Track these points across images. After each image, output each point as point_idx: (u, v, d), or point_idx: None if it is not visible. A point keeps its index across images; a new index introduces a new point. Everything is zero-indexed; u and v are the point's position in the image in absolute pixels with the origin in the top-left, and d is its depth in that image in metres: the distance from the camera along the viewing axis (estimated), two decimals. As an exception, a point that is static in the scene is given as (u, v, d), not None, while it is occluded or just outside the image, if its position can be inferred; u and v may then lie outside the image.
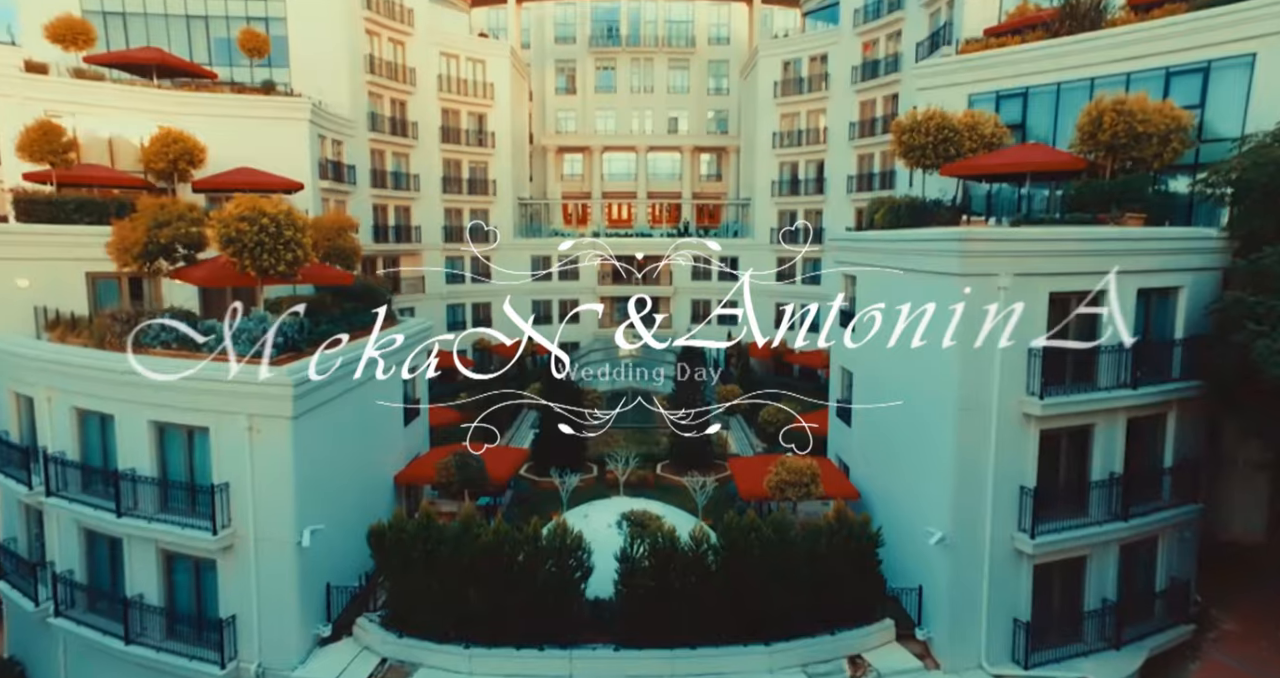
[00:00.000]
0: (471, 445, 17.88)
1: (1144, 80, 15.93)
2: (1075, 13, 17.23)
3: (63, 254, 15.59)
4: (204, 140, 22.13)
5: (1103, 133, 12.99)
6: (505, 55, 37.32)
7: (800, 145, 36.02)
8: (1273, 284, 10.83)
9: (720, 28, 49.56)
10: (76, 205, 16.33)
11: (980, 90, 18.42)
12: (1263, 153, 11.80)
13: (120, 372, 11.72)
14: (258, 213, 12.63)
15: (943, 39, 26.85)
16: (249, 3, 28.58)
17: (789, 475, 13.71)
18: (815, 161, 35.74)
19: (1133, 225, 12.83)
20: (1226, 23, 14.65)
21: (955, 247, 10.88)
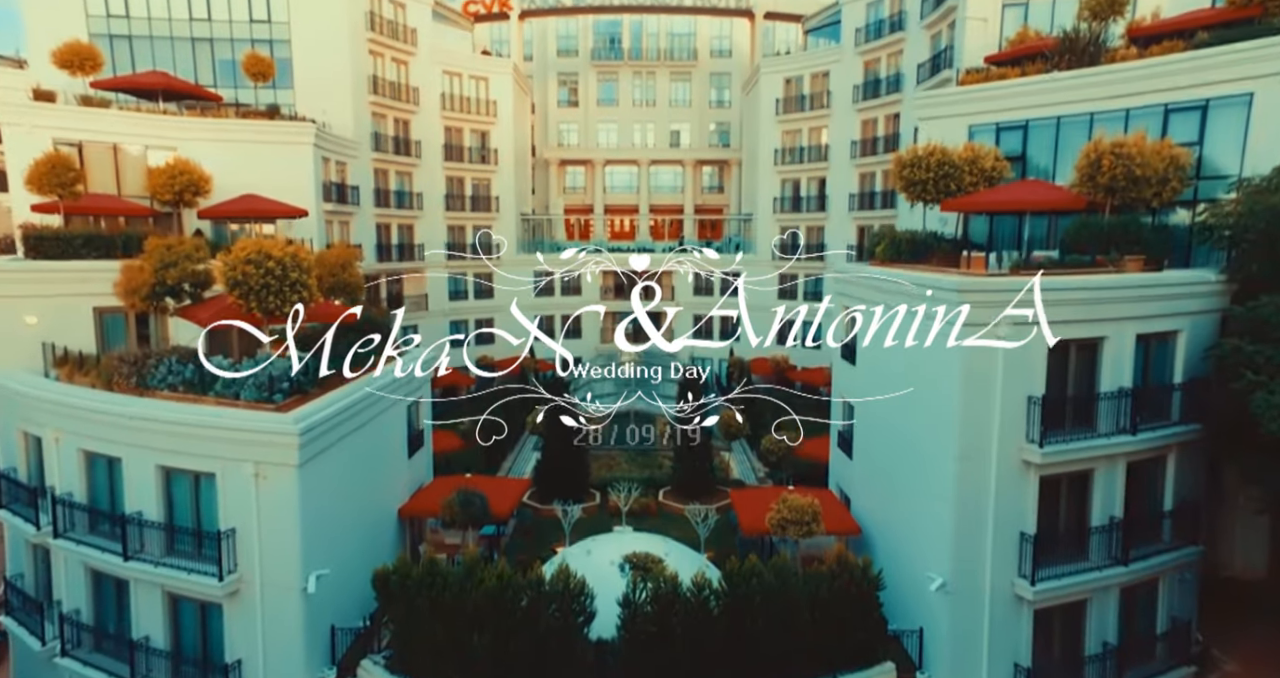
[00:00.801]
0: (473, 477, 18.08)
1: (1143, 116, 16.00)
2: (1074, 47, 17.31)
3: (70, 290, 15.74)
4: (209, 165, 22.35)
5: (1101, 176, 13.07)
6: (508, 72, 37.53)
7: (802, 162, 36.15)
8: (1270, 333, 10.90)
9: (722, 40, 49.76)
10: (84, 240, 16.49)
11: (980, 122, 18.50)
12: (1258, 199, 11.88)
13: (128, 417, 11.88)
14: (263, 256, 12.75)
15: (944, 62, 26.99)
16: (253, 25, 28.83)
17: (790, 514, 13.78)
18: (817, 179, 35.87)
19: (1132, 268, 12.90)
20: (1223, 62, 14.73)
21: (954, 297, 10.96)
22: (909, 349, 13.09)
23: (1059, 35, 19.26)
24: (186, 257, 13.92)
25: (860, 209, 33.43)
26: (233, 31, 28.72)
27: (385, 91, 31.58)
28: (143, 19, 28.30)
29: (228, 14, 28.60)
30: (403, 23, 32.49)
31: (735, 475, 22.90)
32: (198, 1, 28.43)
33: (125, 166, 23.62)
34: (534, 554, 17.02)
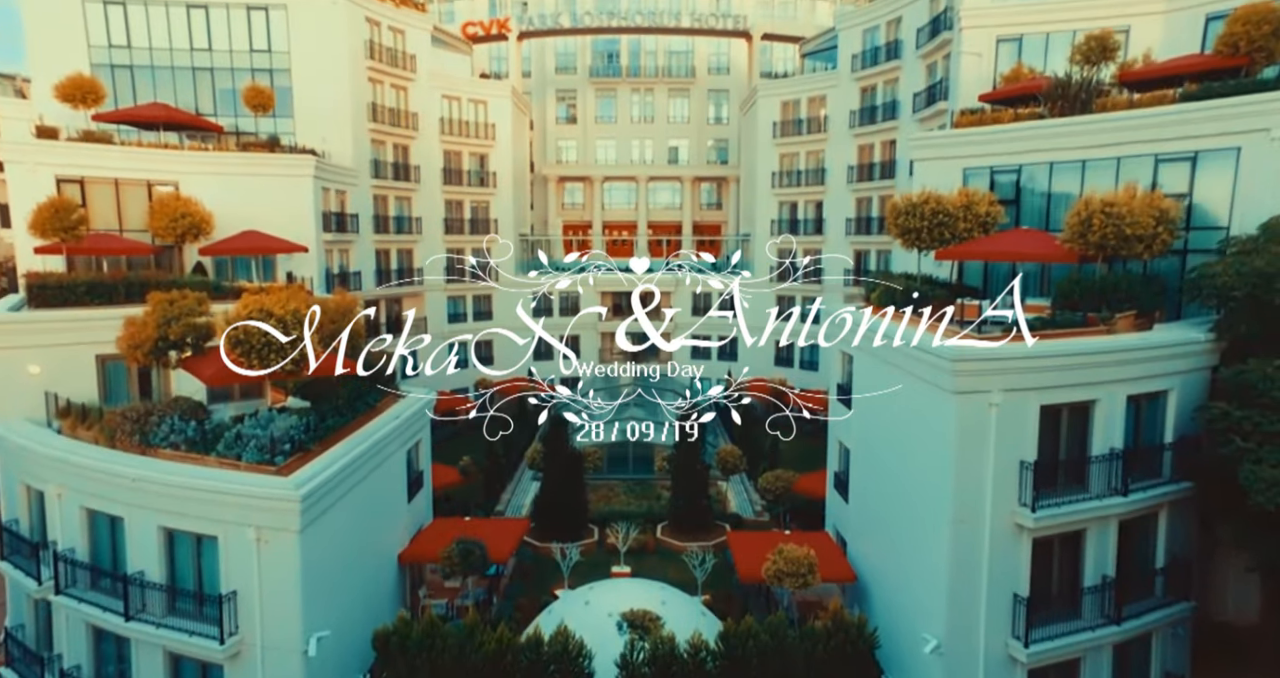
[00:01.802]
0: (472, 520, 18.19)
1: (1134, 165, 16.23)
2: (1066, 93, 17.53)
3: (73, 339, 15.86)
4: (210, 197, 22.56)
5: (1092, 234, 13.24)
6: (506, 95, 37.74)
7: (799, 185, 36.36)
8: (1257, 398, 11.06)
9: (720, 57, 50.08)
10: (87, 288, 16.62)
11: (974, 164, 18.70)
12: (1244, 262, 12.04)
13: (130, 478, 12.00)
14: (265, 314, 12.89)
15: (939, 93, 27.22)
16: (254, 55, 29.00)
17: (786, 566, 13.92)
18: (814, 202, 36.09)
19: (1123, 326, 13.07)
20: (1210, 117, 14.96)
21: (947, 366, 11.12)
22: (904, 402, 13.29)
23: (1052, 77, 19.56)
24: (189, 311, 14.05)
25: (857, 233, 33.63)
26: (233, 61, 28.89)
27: (385, 118, 31.77)
28: (144, 49, 28.45)
29: (228, 44, 28.75)
30: (402, 49, 32.70)
31: (733, 508, 23.00)
32: (199, 31, 28.58)
33: (127, 201, 23.78)
34: (533, 597, 17.17)
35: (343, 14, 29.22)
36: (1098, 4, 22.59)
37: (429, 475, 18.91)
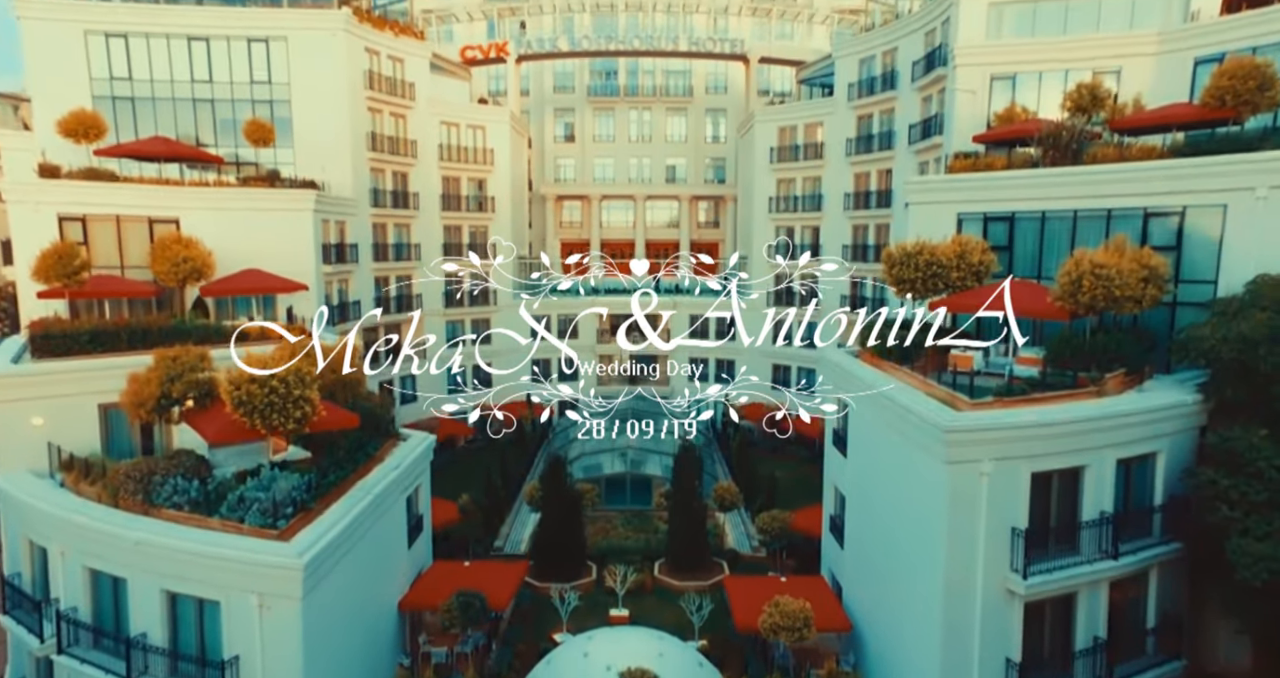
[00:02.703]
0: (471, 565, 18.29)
1: (1124, 218, 16.50)
2: (1058, 143, 17.80)
3: (76, 389, 15.99)
4: (210, 232, 22.77)
5: (1083, 295, 13.46)
6: (505, 120, 38.01)
7: (797, 211, 36.65)
8: (1245, 467, 11.27)
9: (718, 77, 50.51)
10: (90, 336, 16.78)
11: (968, 210, 18.95)
12: (1230, 326, 12.27)
13: (133, 541, 12.13)
14: (267, 375, 13.05)
15: (934, 128, 27.52)
16: (254, 86, 29.23)
17: (782, 620, 14.08)
18: (811, 227, 36.36)
19: (1114, 387, 13.30)
20: (1197, 173, 15.24)
21: (939, 436, 11.32)
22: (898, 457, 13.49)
23: (1044, 121, 19.85)
24: (191, 367, 14.20)
25: (854, 260, 33.88)
26: (233, 92, 29.11)
27: (384, 147, 32.00)
28: (145, 81, 28.67)
29: (229, 75, 28.99)
30: (401, 78, 32.95)
31: (730, 544, 23.12)
32: (199, 63, 28.81)
33: (128, 237, 23.95)
34: (532, 643, 17.29)
35: (342, 45, 29.48)
36: (1090, 45, 22.98)
37: (429, 517, 19.04)
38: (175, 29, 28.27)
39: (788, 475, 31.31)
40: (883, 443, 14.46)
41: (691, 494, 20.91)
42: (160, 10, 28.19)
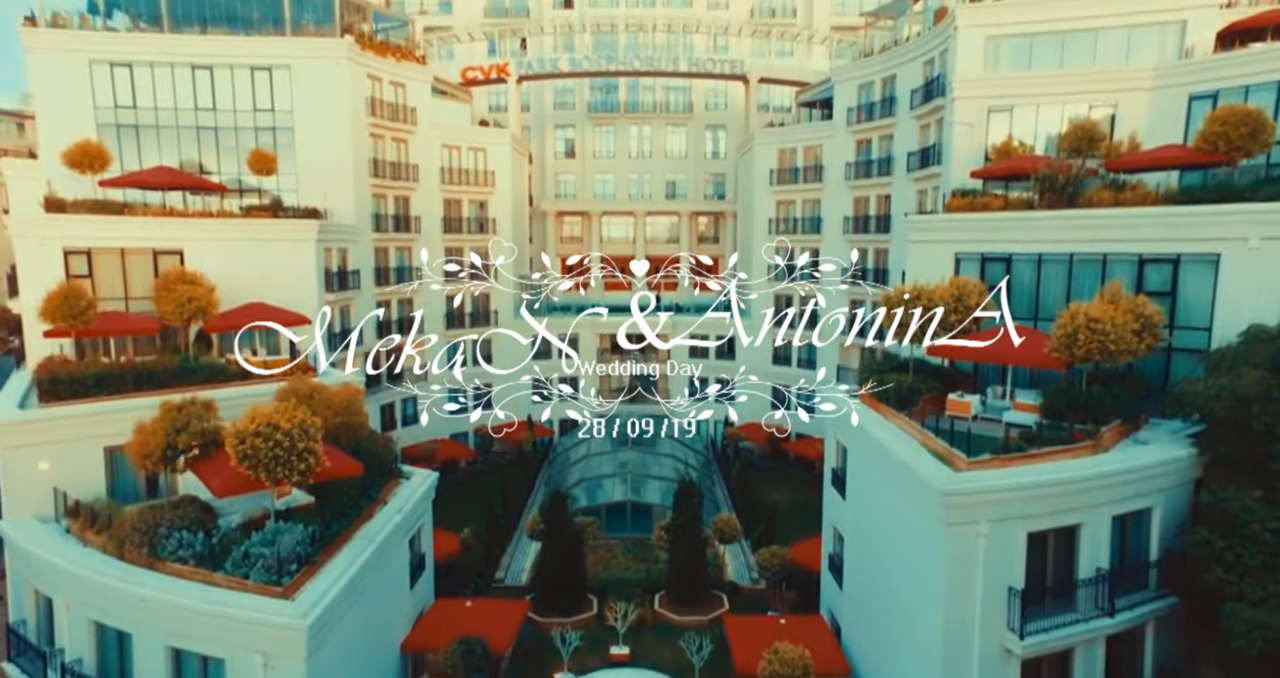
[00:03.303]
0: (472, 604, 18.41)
1: (1119, 263, 16.68)
2: (1054, 186, 17.98)
3: (82, 433, 16.14)
4: (213, 261, 23.06)
5: (1078, 348, 13.61)
6: (506, 142, 38.25)
7: (796, 233, 36.81)
8: (1239, 528, 11.39)
9: (718, 94, 50.82)
10: (95, 379, 16.93)
11: (966, 250, 19.12)
12: (1223, 384, 12.41)
13: (138, 597, 12.26)
14: (272, 428, 13.19)
15: (932, 157, 27.71)
16: (257, 114, 29.44)
17: (782, 668, 14.17)
18: (811, 249, 36.52)
19: (1109, 439, 13.45)
20: (1190, 222, 15.42)
21: (938, 499, 11.45)
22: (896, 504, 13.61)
23: (1041, 157, 20.04)
24: (198, 417, 14.34)
25: (854, 285, 34.01)
26: (237, 120, 29.31)
27: (386, 173, 32.21)
28: (149, 109, 28.87)
29: (232, 103, 29.18)
30: (403, 103, 33.16)
31: (730, 575, 23.21)
32: (203, 91, 29.02)
33: (133, 269, 24.15)
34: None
35: (345, 73, 29.71)
36: (1086, 80, 23.17)
37: (431, 555, 19.17)
38: (179, 58, 28.50)
39: (787, 499, 31.46)
40: (880, 492, 14.59)
41: (692, 531, 21.01)
42: (164, 40, 28.45)
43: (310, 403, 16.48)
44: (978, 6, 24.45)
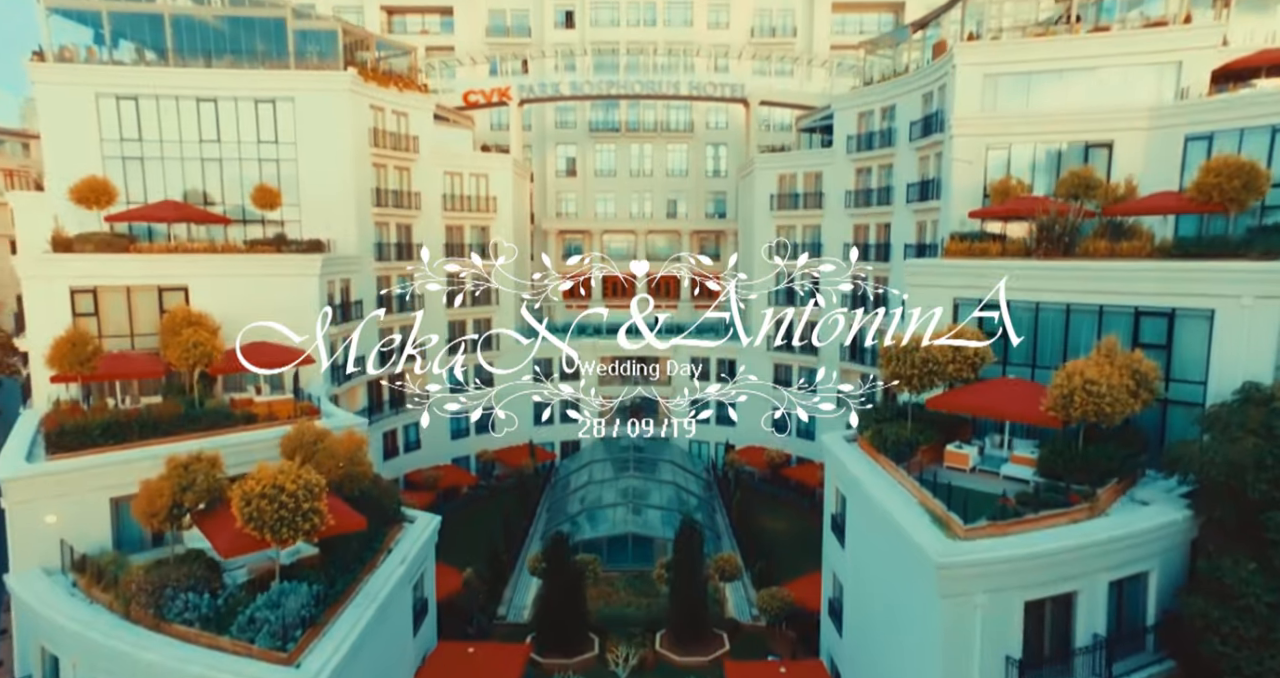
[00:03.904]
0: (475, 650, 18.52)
1: (1115, 315, 16.83)
2: (1050, 235, 18.15)
3: (89, 485, 16.31)
4: (217, 296, 23.66)
5: (1074, 409, 13.76)
6: (508, 168, 38.50)
7: (796, 259, 36.93)
8: (1235, 600, 11.50)
9: (718, 113, 51.09)
10: (102, 429, 17.10)
11: (965, 296, 19.24)
12: (1218, 450, 12.54)
13: (145, 662, 12.41)
14: (277, 490, 13.35)
15: (932, 192, 27.89)
16: (261, 146, 29.67)
17: (783, 724, 14.29)
18: (812, 276, 36.65)
19: (1106, 499, 13.60)
20: (1185, 278, 15.58)
21: (933, 572, 11.59)
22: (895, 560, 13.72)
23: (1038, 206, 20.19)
24: (204, 474, 14.50)
25: (854, 308, 34.19)
26: (241, 152, 29.52)
27: (388, 202, 32.46)
28: (154, 141, 29.10)
29: (236, 135, 29.41)
30: (405, 132, 33.41)
31: (731, 613, 23.32)
32: (207, 123, 29.25)
33: (138, 305, 24.42)
34: (535, 729, 17.51)
35: (348, 104, 29.96)
36: (1083, 119, 23.35)
37: (433, 598, 19.28)
38: (184, 91, 28.75)
39: (787, 527, 31.58)
40: (878, 550, 14.72)
41: (694, 573, 21.12)
42: (170, 73, 28.71)
43: (314, 452, 16.73)
44: (976, 45, 24.68)
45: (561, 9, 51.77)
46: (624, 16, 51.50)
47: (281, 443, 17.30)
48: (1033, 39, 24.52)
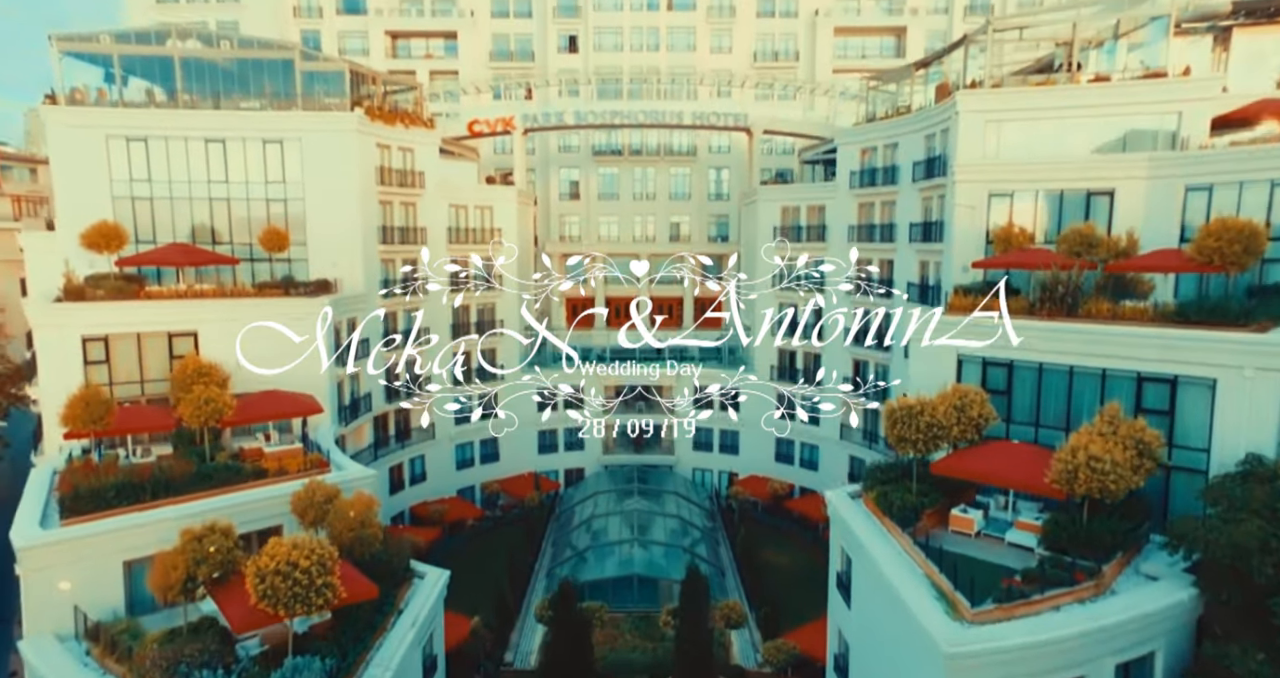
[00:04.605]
0: None
1: (1118, 379, 16.99)
2: (1053, 296, 18.32)
3: (102, 549, 16.49)
4: (226, 339, 23.07)
5: (1079, 485, 13.90)
6: (512, 199, 38.80)
7: (799, 292, 37.13)
8: (1240, 689, 11.62)
9: (721, 138, 51.37)
10: (115, 491, 17.29)
11: (969, 353, 19.44)
12: (1221, 532, 12.66)
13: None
14: (291, 567, 13.52)
15: (935, 233, 28.07)
16: (269, 185, 29.97)
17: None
18: (815, 310, 36.86)
19: (1111, 574, 13.73)
20: (1188, 346, 15.73)
21: (939, 659, 11.72)
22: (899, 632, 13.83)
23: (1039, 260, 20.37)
24: (218, 545, 14.66)
25: (855, 344, 34.40)
26: (249, 192, 29.82)
27: (394, 239, 32.74)
28: (163, 182, 29.41)
29: (244, 175, 29.71)
30: (411, 168, 33.71)
31: (736, 659, 23.42)
32: (216, 164, 29.56)
33: (148, 351, 24.67)
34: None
35: (355, 144, 30.28)
36: (1084, 166, 23.56)
37: (442, 652, 19.40)
38: (193, 132, 29.07)
39: (790, 563, 31.68)
40: (885, 619, 14.83)
41: (699, 625, 21.22)
42: (179, 115, 29.04)
43: (325, 513, 16.95)
44: (978, 93, 24.92)
45: (565, 34, 52.21)
46: (627, 41, 51.92)
47: (292, 502, 17.51)
48: (1034, 88, 24.76)
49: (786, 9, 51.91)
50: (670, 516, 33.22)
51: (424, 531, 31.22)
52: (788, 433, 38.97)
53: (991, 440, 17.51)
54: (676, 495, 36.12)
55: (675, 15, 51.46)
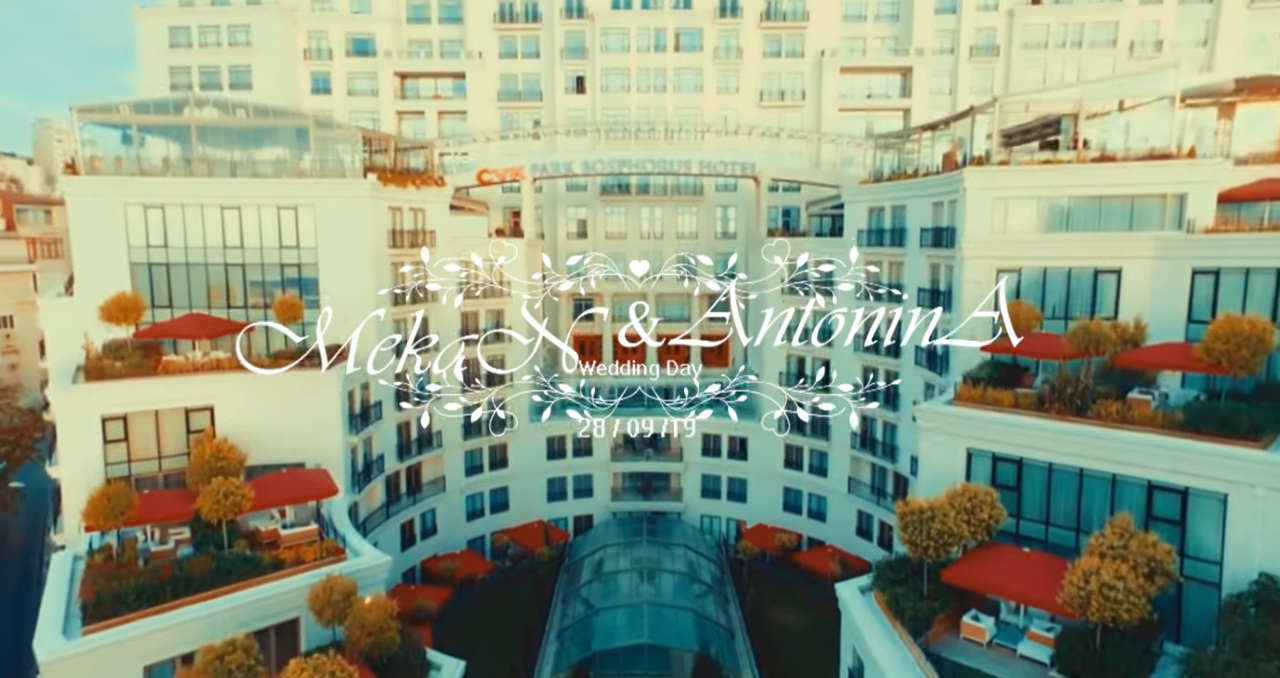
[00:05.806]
0: None
1: (1128, 485, 17.09)
2: (1062, 395, 18.47)
3: (124, 655, 16.73)
4: (242, 411, 24.87)
5: (1091, 613, 14.00)
6: (521, 250, 39.11)
7: (808, 343, 37.36)
8: None
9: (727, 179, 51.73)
10: (136, 594, 17.53)
11: (978, 447, 19.58)
12: (1240, 671, 12.74)
13: None
14: (314, 692, 13.77)
15: (943, 302, 28.18)
16: (283, 251, 30.43)
17: None
18: (823, 360, 37.07)
19: (1123, 704, 13.80)
20: (1198, 459, 15.83)
21: None
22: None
23: (1048, 348, 20.52)
24: (238, 665, 14.89)
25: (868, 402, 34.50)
26: (263, 257, 30.31)
27: (406, 301, 33.11)
28: (180, 248, 29.91)
29: (259, 241, 30.20)
30: (422, 227, 34.16)
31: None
32: (231, 230, 30.07)
33: (166, 427, 25.05)
34: None
35: (367, 209, 30.76)
36: (1090, 245, 23.75)
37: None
38: (209, 199, 29.59)
39: (799, 622, 31.70)
40: None
41: None
42: (196, 183, 29.57)
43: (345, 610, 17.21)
44: (986, 171, 25.17)
45: (572, 75, 52.74)
46: (634, 82, 52.37)
47: (309, 599, 17.79)
48: (1039, 166, 25.00)
49: (793, 50, 52.38)
50: (680, 573, 33.27)
51: (435, 590, 31.39)
52: (796, 484, 39.26)
53: (1002, 545, 17.59)
54: (685, 548, 36.17)
55: (682, 57, 51.93)
